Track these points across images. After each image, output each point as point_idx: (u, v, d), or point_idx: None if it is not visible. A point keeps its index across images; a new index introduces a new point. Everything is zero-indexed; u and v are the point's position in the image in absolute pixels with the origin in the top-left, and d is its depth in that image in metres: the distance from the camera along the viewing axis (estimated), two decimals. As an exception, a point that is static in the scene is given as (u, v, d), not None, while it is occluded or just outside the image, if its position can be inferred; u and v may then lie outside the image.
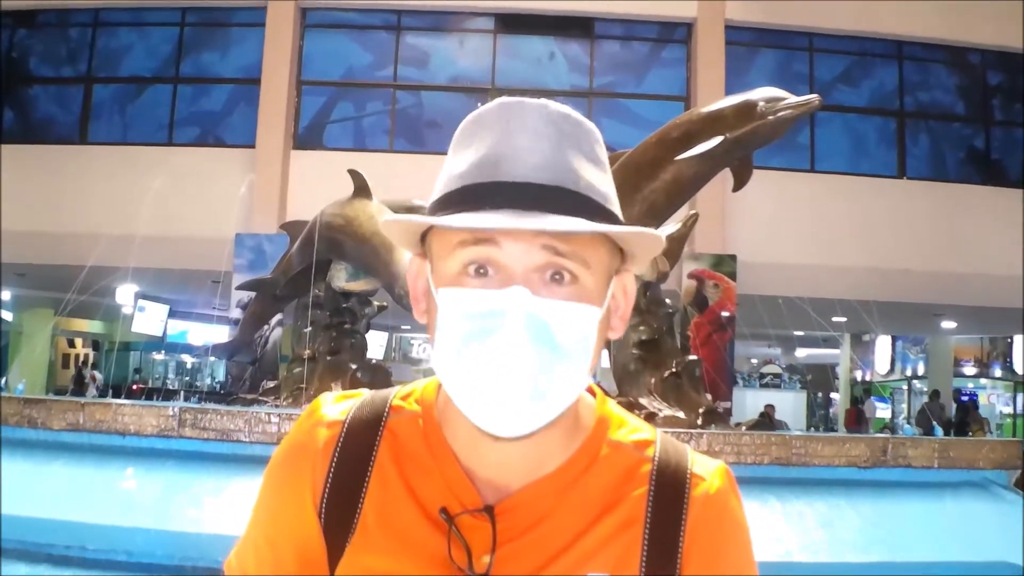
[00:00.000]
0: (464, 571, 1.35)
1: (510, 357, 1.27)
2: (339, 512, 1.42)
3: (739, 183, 8.09)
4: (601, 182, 1.36)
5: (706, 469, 1.48)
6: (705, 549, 1.41)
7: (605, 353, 8.42)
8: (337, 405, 1.53)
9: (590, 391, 1.49)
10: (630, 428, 1.50)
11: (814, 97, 7.55)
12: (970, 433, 21.33)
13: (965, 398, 25.94)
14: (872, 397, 29.38)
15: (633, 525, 1.39)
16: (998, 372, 27.87)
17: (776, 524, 5.42)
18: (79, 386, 26.59)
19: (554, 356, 1.29)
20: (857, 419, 26.44)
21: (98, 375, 28.48)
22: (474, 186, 1.32)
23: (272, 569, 1.48)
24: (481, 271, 1.31)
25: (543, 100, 1.36)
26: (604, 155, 1.40)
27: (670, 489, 1.43)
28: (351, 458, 1.46)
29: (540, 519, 1.38)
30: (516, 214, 1.27)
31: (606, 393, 1.54)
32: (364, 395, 1.56)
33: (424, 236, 1.40)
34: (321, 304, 8.74)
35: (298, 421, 1.54)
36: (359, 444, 1.47)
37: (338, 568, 1.41)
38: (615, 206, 1.38)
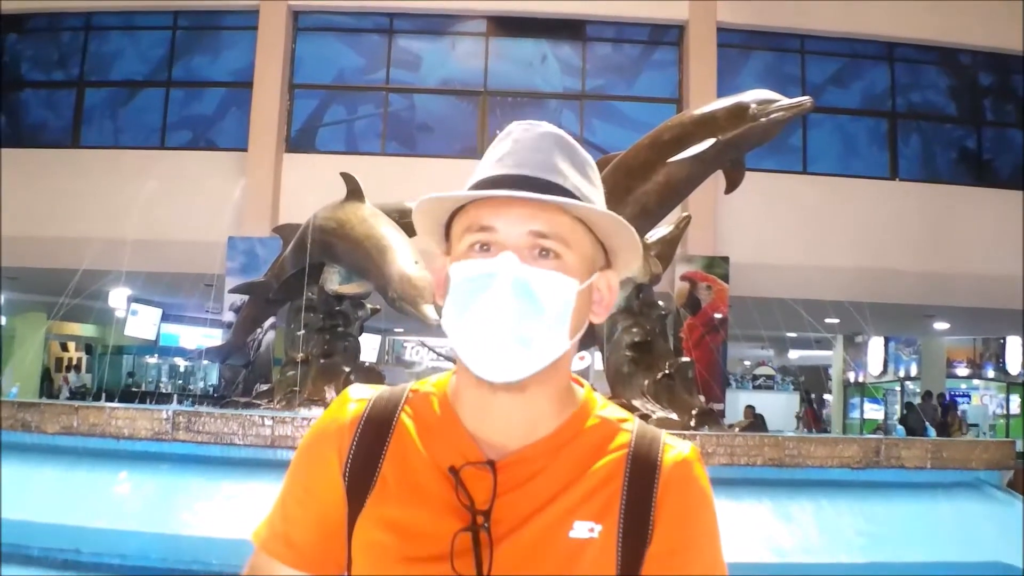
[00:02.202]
0: (468, 508, 1.61)
1: (498, 307, 1.57)
2: (361, 473, 1.69)
3: (731, 185, 8.08)
4: (585, 187, 1.67)
5: (677, 442, 1.73)
6: (676, 505, 1.66)
7: (598, 356, 8.43)
8: (365, 389, 1.82)
9: (578, 383, 1.78)
10: (613, 409, 1.78)
11: (806, 99, 7.54)
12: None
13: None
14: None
15: (613, 480, 1.66)
16: (991, 373, 27.85)
17: (769, 525, 5.44)
18: (49, 383, 26.55)
19: (535, 311, 1.58)
20: (816, 419, 26.91)
21: (72, 377, 28.37)
22: (487, 178, 1.65)
23: (300, 528, 1.74)
24: (484, 247, 1.63)
25: (550, 126, 1.70)
26: (593, 175, 1.72)
27: (646, 452, 1.69)
28: (374, 427, 1.73)
29: (534, 474, 1.65)
30: (508, 192, 1.60)
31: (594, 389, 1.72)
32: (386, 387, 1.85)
33: (448, 228, 1.72)
34: (314, 307, 8.74)
35: (331, 403, 1.82)
36: (381, 416, 1.74)
37: (359, 519, 1.67)
38: (597, 206, 1.68)
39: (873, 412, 30.23)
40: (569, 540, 1.61)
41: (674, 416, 7.14)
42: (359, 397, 1.79)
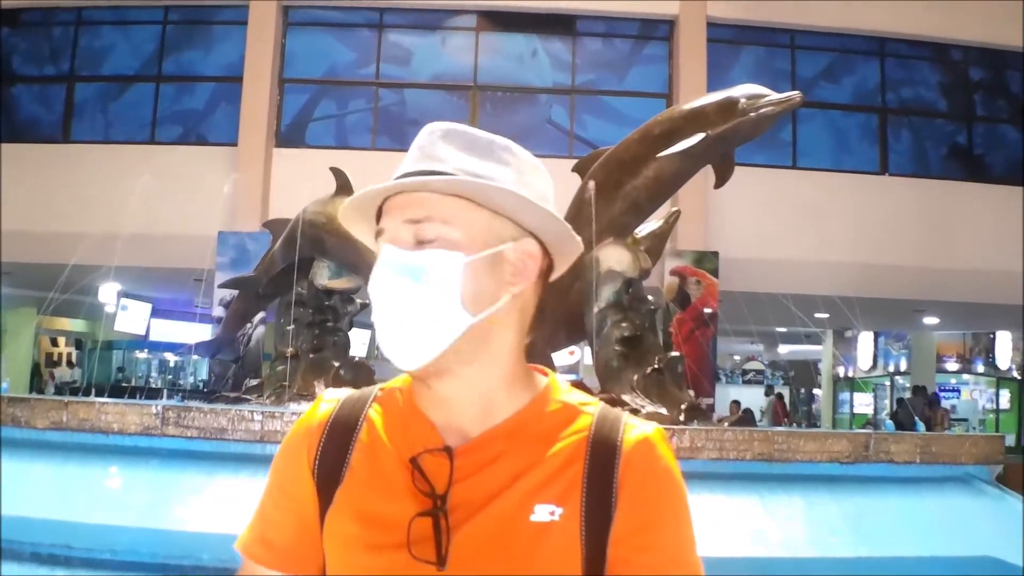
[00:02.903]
0: (426, 493, 1.63)
1: (385, 296, 1.67)
2: (330, 468, 1.74)
3: (721, 180, 8.08)
4: (481, 167, 1.71)
5: (640, 422, 1.74)
6: (638, 483, 1.66)
7: (587, 350, 8.43)
8: (339, 391, 1.87)
9: (542, 372, 1.82)
10: (576, 394, 1.80)
11: (795, 94, 7.55)
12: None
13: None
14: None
15: (575, 463, 1.67)
16: (981, 368, 27.92)
17: (758, 520, 5.45)
18: (39, 379, 26.48)
19: (417, 289, 1.63)
20: (785, 413, 27.03)
21: (57, 373, 28.31)
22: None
23: (279, 530, 1.78)
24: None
25: (450, 123, 1.81)
26: (507, 155, 1.75)
27: (607, 433, 1.70)
28: (341, 424, 1.78)
29: (493, 459, 1.67)
30: (360, 191, 1.76)
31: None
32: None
33: None
34: (304, 302, 8.72)
35: (308, 408, 1.87)
36: (349, 413, 1.79)
37: (328, 512, 1.71)
38: (488, 180, 1.69)
39: (863, 407, 30.27)
40: (530, 524, 1.62)
41: (663, 411, 7.15)
42: (331, 398, 1.85)
